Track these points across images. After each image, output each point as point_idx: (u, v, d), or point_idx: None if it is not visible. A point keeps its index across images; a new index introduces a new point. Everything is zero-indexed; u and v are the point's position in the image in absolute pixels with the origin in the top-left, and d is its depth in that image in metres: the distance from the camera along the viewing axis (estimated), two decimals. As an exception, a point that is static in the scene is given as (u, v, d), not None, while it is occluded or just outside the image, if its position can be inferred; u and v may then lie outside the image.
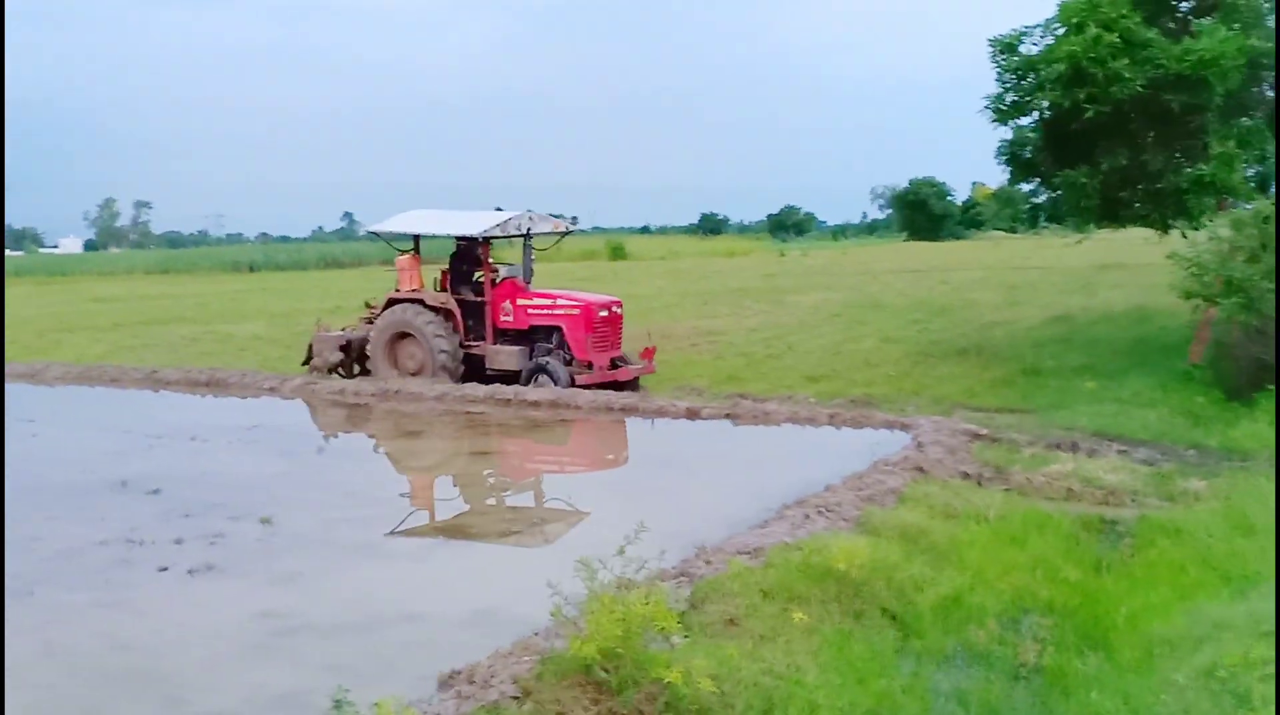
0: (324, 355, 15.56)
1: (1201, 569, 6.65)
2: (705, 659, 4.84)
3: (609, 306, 14.68)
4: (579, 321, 14.28)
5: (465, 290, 15.16)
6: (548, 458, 11.79)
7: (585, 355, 14.19)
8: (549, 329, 14.55)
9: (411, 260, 15.46)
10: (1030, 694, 5.26)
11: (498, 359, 14.67)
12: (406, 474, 10.99)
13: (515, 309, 14.69)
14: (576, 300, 14.65)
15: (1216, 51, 11.78)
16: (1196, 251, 12.25)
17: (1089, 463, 9.55)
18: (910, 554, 6.95)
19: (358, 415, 13.55)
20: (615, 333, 14.76)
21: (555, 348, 14.46)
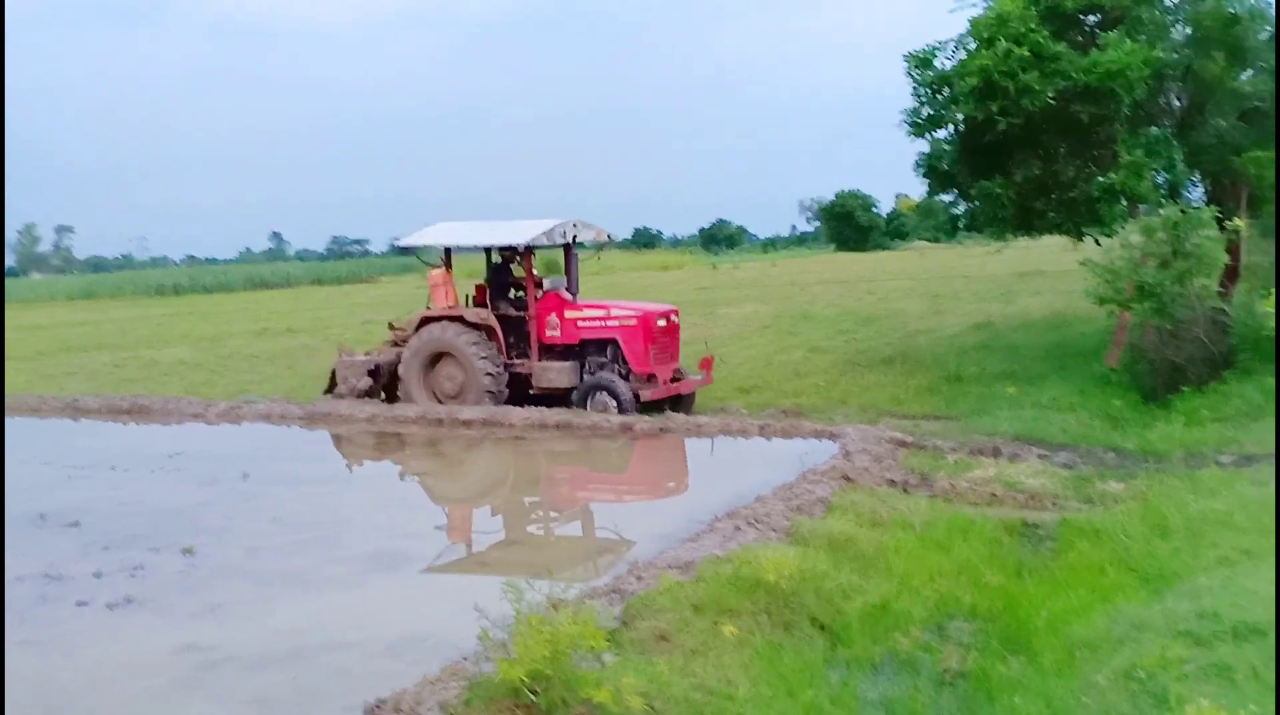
0: (350, 382, 14.49)
1: (1120, 570, 6.83)
2: (636, 676, 4.84)
3: (666, 315, 13.80)
4: (637, 332, 13.32)
5: (504, 305, 14.26)
6: (481, 478, 11.69)
7: (647, 368, 13.27)
8: (602, 343, 13.61)
9: (445, 275, 14.48)
10: (955, 700, 5.35)
11: (546, 377, 13.71)
12: (335, 500, 10.81)
13: (563, 323, 13.71)
14: (633, 310, 13.71)
15: (1122, 63, 12.16)
16: (1109, 258, 12.62)
17: (1011, 467, 9.75)
18: (838, 563, 7.03)
19: (285, 438, 13.29)
20: (674, 343, 13.89)
21: (610, 362, 13.58)
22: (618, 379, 13.19)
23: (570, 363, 13.69)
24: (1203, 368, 11.92)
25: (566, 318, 13.69)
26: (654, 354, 13.28)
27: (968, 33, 13.34)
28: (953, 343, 17.72)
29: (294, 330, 26.72)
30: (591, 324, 13.60)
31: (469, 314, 13.90)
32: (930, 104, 13.81)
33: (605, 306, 13.86)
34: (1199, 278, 12.12)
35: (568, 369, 13.63)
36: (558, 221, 13.77)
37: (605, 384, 13.17)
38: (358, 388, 14.40)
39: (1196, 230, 11.95)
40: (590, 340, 13.62)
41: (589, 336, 13.61)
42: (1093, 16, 13.81)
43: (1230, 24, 13.26)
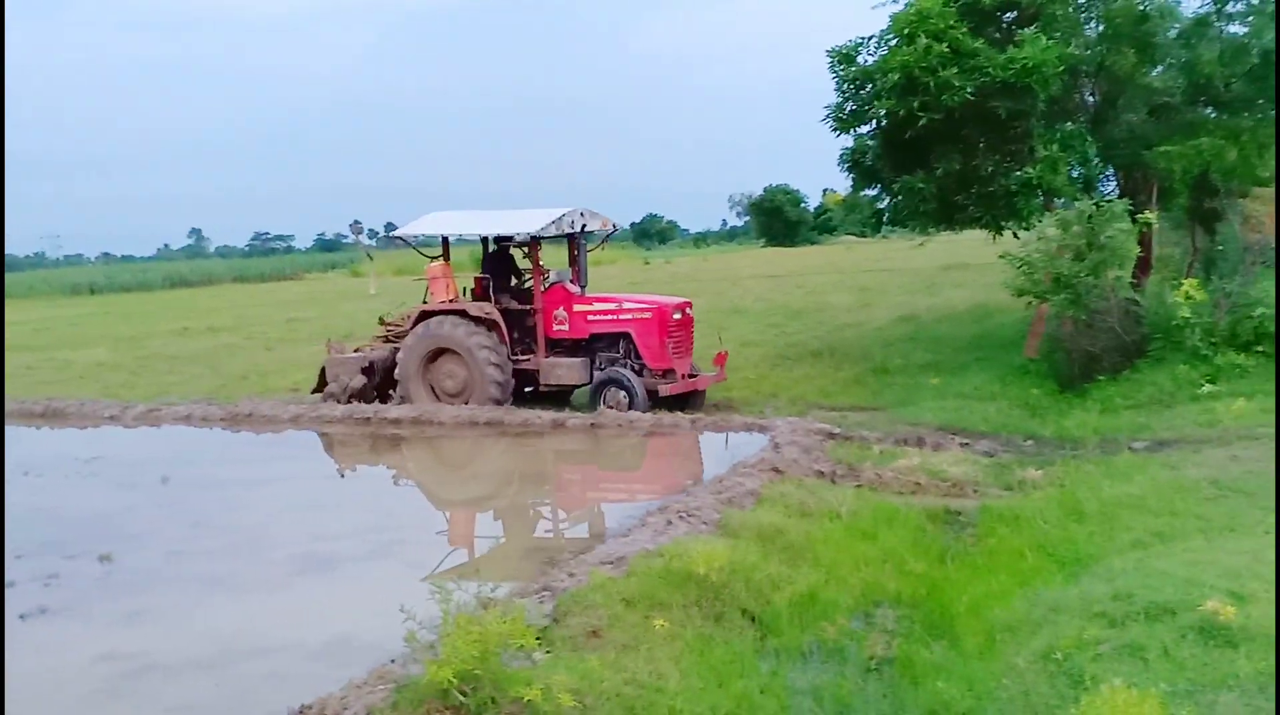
0: (342, 380, 13.89)
1: (1038, 555, 7.01)
2: (567, 673, 4.84)
3: (681, 308, 13.29)
4: (652, 325, 12.84)
5: (506, 298, 13.67)
6: (412, 476, 11.58)
7: (664, 362, 12.80)
8: (613, 337, 13.14)
9: (444, 267, 13.86)
10: (881, 686, 5.44)
11: (554, 373, 13.22)
12: (261, 503, 10.61)
13: (571, 316, 13.19)
14: (647, 302, 13.27)
15: (1038, 60, 12.45)
16: (1027, 251, 12.93)
17: (934, 456, 9.95)
18: (768, 554, 7.10)
19: (207, 441, 13.00)
20: (688, 337, 13.39)
21: (623, 357, 13.10)
22: (632, 374, 12.77)
23: (580, 358, 13.23)
24: (1116, 357, 12.28)
25: (575, 311, 13.22)
26: (670, 348, 12.87)
27: (889, 29, 13.55)
28: (879, 335, 18.01)
29: (216, 329, 26.13)
30: (602, 318, 13.15)
31: (471, 307, 13.32)
32: (854, 99, 13.99)
33: (616, 299, 13.46)
34: (1112, 269, 12.47)
35: (577, 365, 13.18)
36: (565, 210, 13.25)
37: (618, 379, 12.71)
38: (351, 387, 13.86)
39: (1110, 223, 12.30)
40: (600, 335, 13.19)
41: (599, 330, 13.16)
42: (1009, 14, 14.11)
43: (1140, 21, 13.66)
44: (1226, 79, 13.50)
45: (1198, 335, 11.64)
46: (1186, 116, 14.05)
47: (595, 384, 12.91)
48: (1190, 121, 13.88)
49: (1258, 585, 5.48)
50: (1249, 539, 6.42)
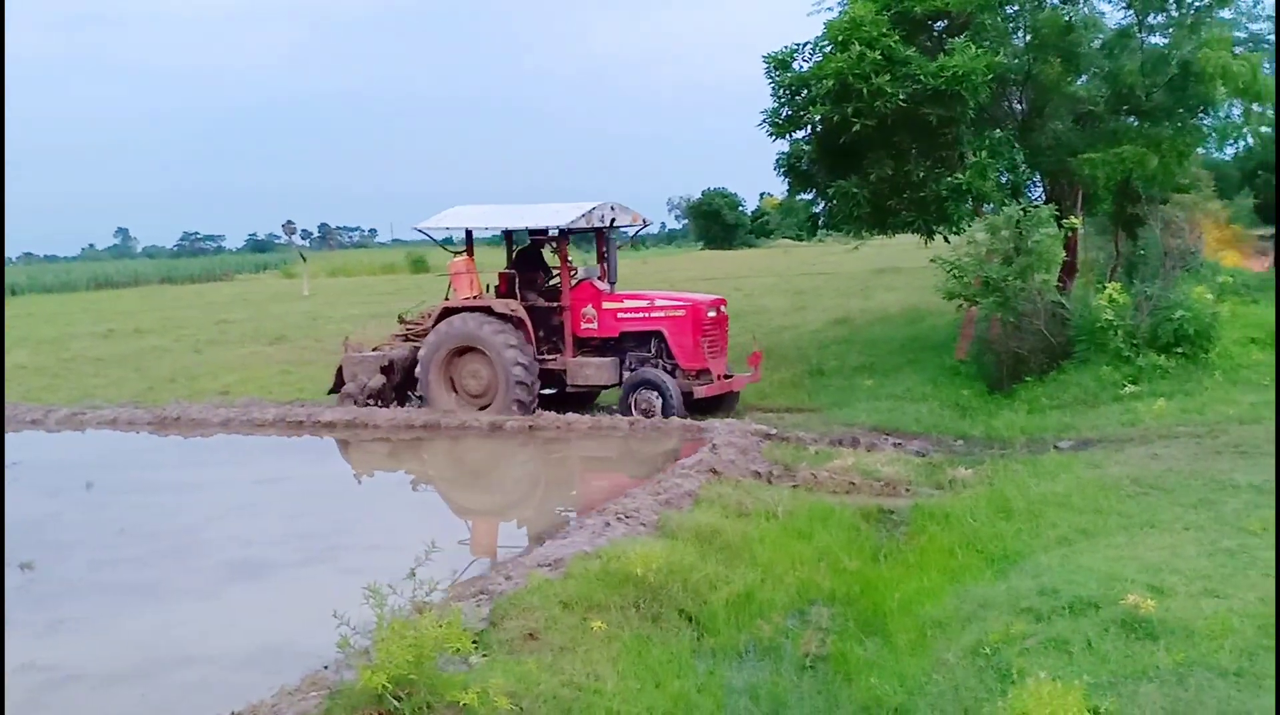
0: (360, 380, 13.44)
1: (968, 552, 7.16)
2: (503, 676, 4.83)
3: (716, 305, 12.81)
4: (685, 324, 12.36)
5: (532, 296, 13.20)
6: (347, 480, 11.43)
7: (699, 362, 12.35)
8: (644, 336, 12.64)
9: (468, 262, 13.44)
10: (816, 683, 5.52)
11: (582, 373, 12.70)
12: (189, 509, 10.39)
13: (600, 314, 12.69)
14: (680, 300, 12.77)
15: (968, 68, 12.70)
16: (957, 255, 13.20)
17: (868, 457, 10.11)
18: (705, 554, 7.15)
19: (134, 446, 12.69)
20: (723, 336, 12.90)
21: (654, 357, 12.59)
22: (665, 375, 12.31)
23: (609, 358, 12.74)
24: (1043, 358, 12.60)
25: (605, 309, 12.74)
26: (705, 347, 12.42)
27: (824, 36, 13.72)
28: (814, 338, 18.22)
29: (143, 331, 25.52)
30: (633, 316, 12.66)
31: (497, 304, 12.82)
32: (789, 105, 14.13)
33: (648, 297, 12.95)
34: (1039, 273, 12.77)
35: (606, 365, 12.69)
36: (595, 204, 12.80)
37: (652, 379, 12.24)
38: (370, 387, 13.43)
39: (1037, 228, 12.58)
40: (631, 333, 12.71)
41: (630, 329, 12.68)
42: (940, 22, 14.39)
43: (1066, 31, 13.99)
44: (1148, 89, 13.90)
45: (1120, 337, 11.98)
46: (1109, 125, 14.43)
47: (627, 385, 12.46)
48: (1113, 130, 14.26)
49: (1176, 579, 5.67)
50: (1168, 535, 6.62)
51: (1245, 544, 6.30)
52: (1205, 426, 9.91)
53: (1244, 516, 6.87)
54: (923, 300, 19.98)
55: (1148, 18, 14.35)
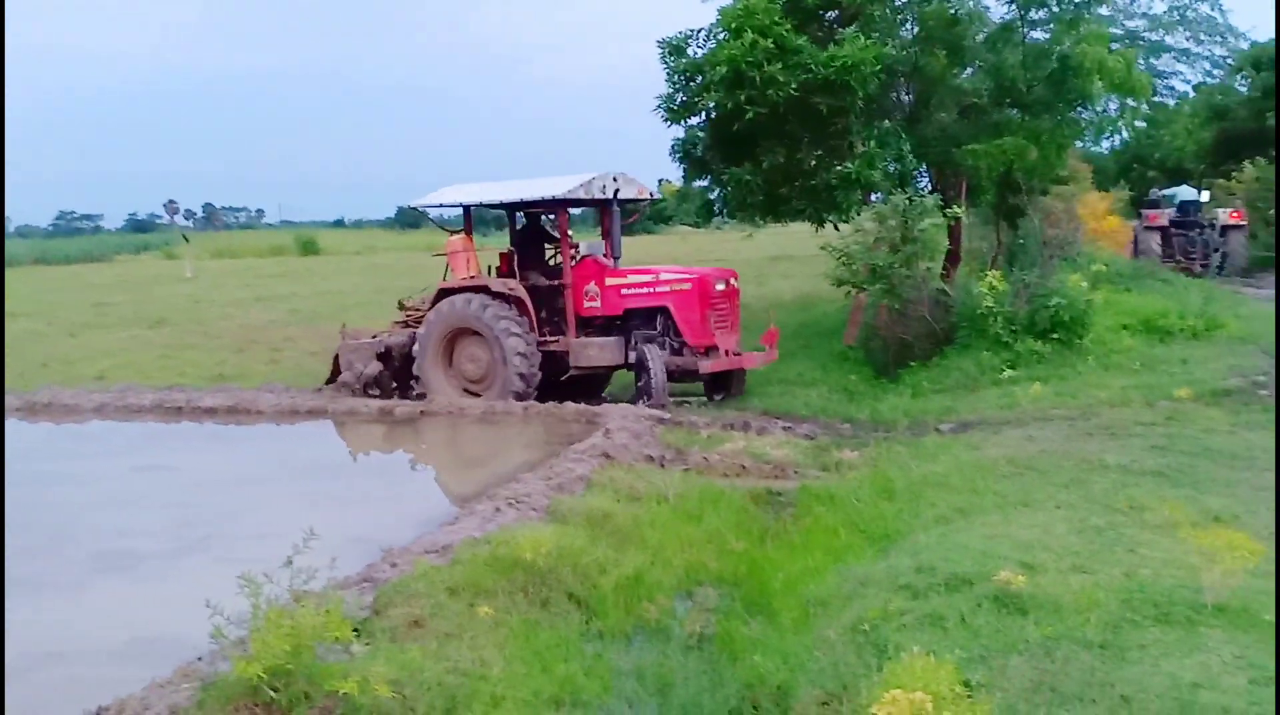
0: (356, 368, 12.84)
1: (851, 532, 7.32)
2: (386, 665, 4.75)
3: (725, 278, 12.19)
4: (691, 298, 11.77)
5: (534, 275, 12.58)
6: (225, 468, 11.07)
7: (706, 338, 11.73)
8: (649, 313, 12.03)
9: (465, 241, 12.79)
10: (702, 663, 5.57)
11: (585, 354, 12.06)
12: (58, 499, 9.95)
13: (603, 292, 12.07)
14: (686, 274, 12.15)
15: (857, 58, 12.94)
16: (845, 243, 13.47)
17: (758, 440, 10.25)
18: (596, 538, 7.15)
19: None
20: (734, 310, 12.29)
21: (661, 334, 11.96)
22: (655, 350, 11.75)
23: (614, 338, 12.13)
24: (927, 344, 12.97)
25: (608, 286, 12.11)
26: (713, 322, 11.85)
27: (718, 23, 13.81)
28: (708, 323, 18.34)
29: (14, 314, 24.25)
30: (638, 292, 12.05)
31: (495, 283, 12.25)
32: (684, 91, 14.22)
33: (653, 271, 12.35)
34: (924, 261, 13.14)
35: (610, 345, 12.07)
36: (595, 174, 12.07)
37: (644, 363, 11.70)
38: (365, 375, 12.84)
39: (922, 217, 12.93)
40: (636, 310, 12.10)
41: (635, 306, 12.08)
42: (831, 12, 14.63)
43: (951, 24, 14.38)
44: (1029, 82, 14.38)
45: (1000, 324, 12.40)
46: (993, 117, 14.89)
47: (638, 367, 11.89)
48: (996, 122, 14.72)
49: (1047, 556, 5.89)
50: (1040, 513, 6.87)
51: (1113, 521, 6.58)
52: (1078, 409, 10.33)
53: (1112, 495, 7.17)
54: (814, 287, 20.30)
55: (1029, 13, 14.83)
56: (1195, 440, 8.70)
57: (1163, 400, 10.36)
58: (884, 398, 11.92)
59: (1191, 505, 6.72)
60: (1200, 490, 7.27)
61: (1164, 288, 17.45)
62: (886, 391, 12.23)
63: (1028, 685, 4.42)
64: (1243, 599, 5.00)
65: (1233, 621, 4.85)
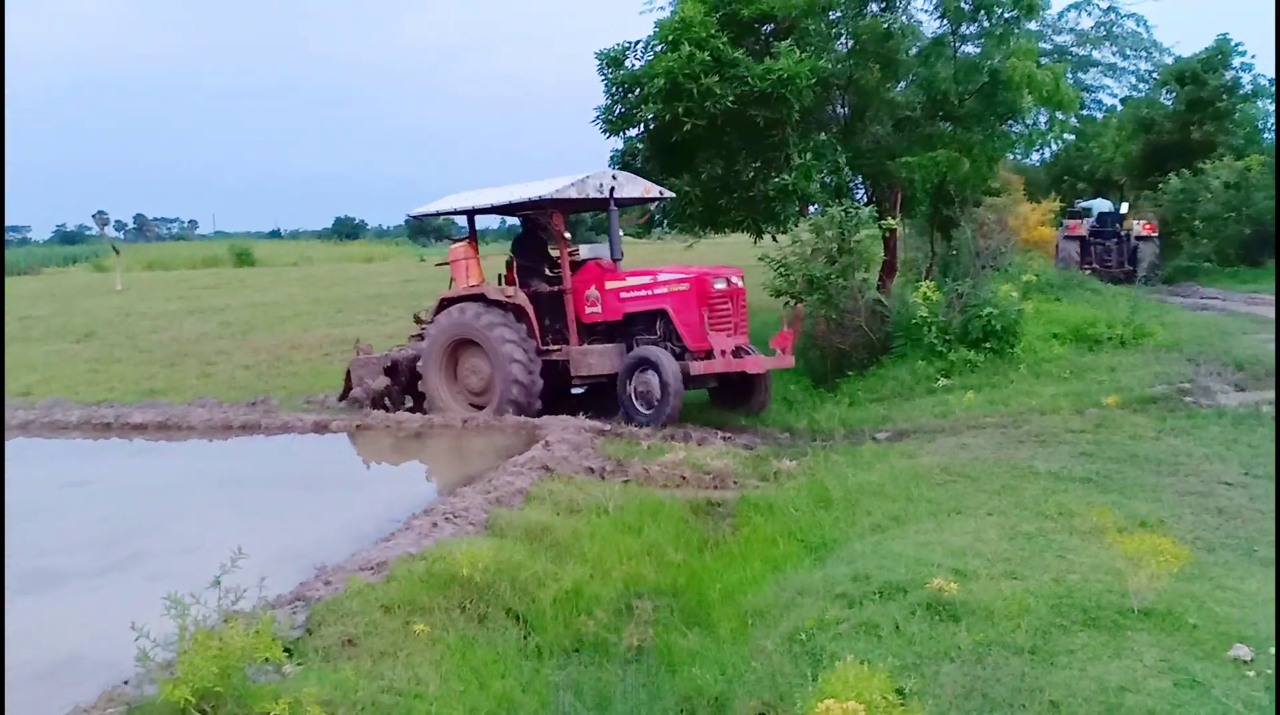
0: (366, 383, 12.61)
1: (789, 541, 7.36)
2: (318, 685, 4.67)
3: (727, 276, 11.60)
4: (689, 298, 11.22)
5: (537, 282, 12.12)
6: (154, 484, 10.83)
7: (701, 342, 11.12)
8: (650, 316, 11.51)
9: (467, 248, 12.33)
10: (640, 676, 5.57)
11: (585, 363, 11.54)
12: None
13: (604, 295, 11.58)
14: (684, 273, 11.57)
15: (792, 71, 13.10)
16: (783, 253, 13.60)
17: (698, 451, 10.26)
18: (535, 552, 7.11)
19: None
20: (738, 311, 11.66)
21: (661, 338, 11.45)
22: (661, 351, 11.08)
23: (614, 344, 11.62)
24: (864, 353, 13.14)
25: (608, 289, 11.63)
26: (709, 323, 11.27)
27: (655, 35, 13.89)
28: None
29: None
30: (636, 294, 11.54)
31: (491, 291, 11.82)
32: (622, 102, 14.27)
33: (651, 272, 11.79)
34: (860, 272, 13.31)
35: (610, 352, 11.54)
36: (591, 173, 11.56)
37: (647, 357, 11.06)
38: (373, 389, 12.60)
39: (858, 228, 13.10)
40: (636, 314, 11.60)
41: (634, 309, 11.57)
42: (767, 26, 14.79)
43: (885, 39, 14.62)
44: (960, 96, 14.66)
45: (934, 333, 12.60)
46: (926, 130, 15.16)
47: (623, 371, 11.23)
48: (929, 134, 14.99)
49: (979, 563, 5.98)
50: (972, 520, 6.99)
51: (1043, 528, 6.71)
52: (1010, 417, 10.53)
53: (1042, 502, 7.31)
54: (753, 298, 20.35)
55: (961, 27, 15.14)
56: (1122, 447, 8.91)
57: (1091, 407, 10.61)
58: (821, 407, 12.04)
59: (1118, 511, 6.88)
60: (1127, 496, 7.44)
61: (1093, 297, 17.88)
62: (824, 400, 12.36)
63: (959, 692, 4.49)
64: (1168, 603, 5.12)
65: (1158, 625, 4.96)
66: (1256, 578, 5.68)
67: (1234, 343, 13.30)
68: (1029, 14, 14.91)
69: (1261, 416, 9.83)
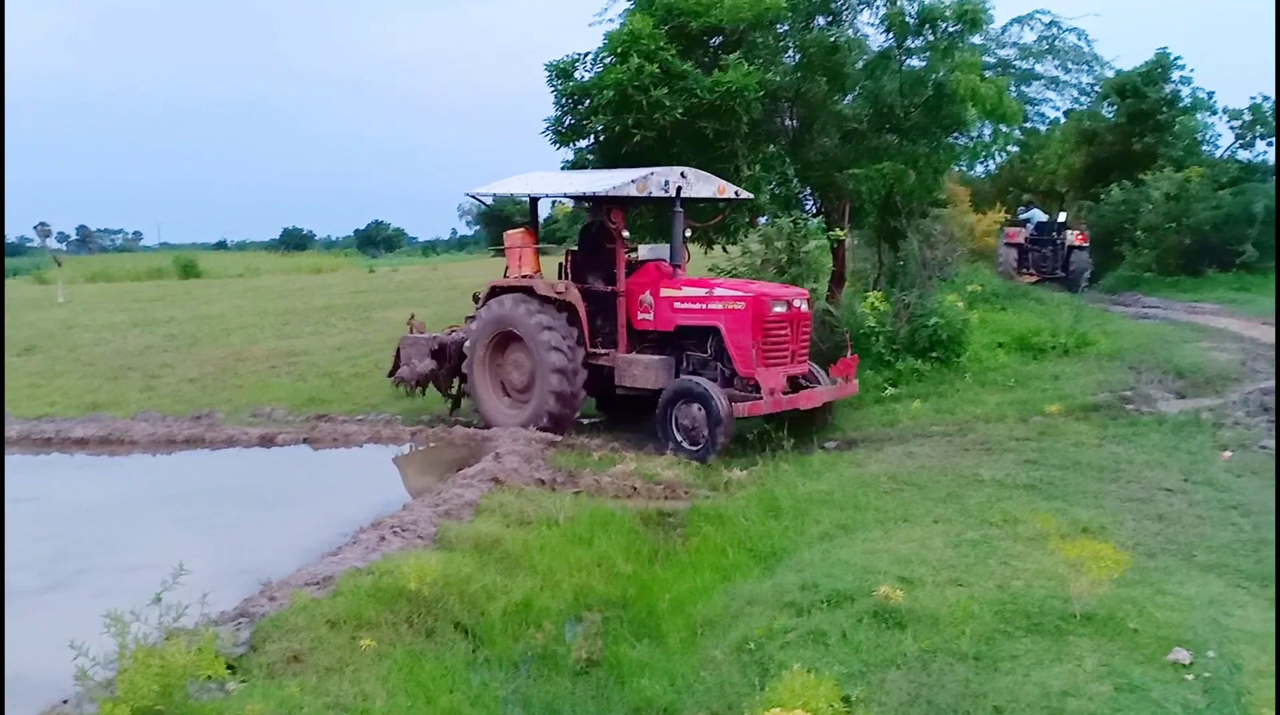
0: (412, 363, 12.17)
1: (739, 551, 7.39)
2: (263, 702, 4.62)
3: (788, 298, 10.55)
4: (744, 319, 10.23)
5: (596, 278, 11.28)
6: (97, 500, 10.61)
7: (751, 369, 10.15)
8: (702, 332, 10.62)
9: (524, 236, 11.66)
10: (590, 688, 5.55)
11: (630, 372, 10.66)
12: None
13: (658, 303, 10.69)
14: (741, 291, 10.53)
15: (741, 84, 13.19)
16: (734, 264, 13.67)
17: (649, 461, 10.27)
18: (484, 564, 7.07)
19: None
20: (798, 337, 10.65)
21: (712, 358, 10.54)
22: (709, 383, 10.08)
23: (662, 357, 10.74)
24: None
25: (662, 297, 10.76)
26: (762, 351, 10.23)
27: (604, 47, 13.92)
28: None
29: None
30: (690, 307, 10.62)
31: (540, 285, 11.02)
32: (572, 114, 14.26)
33: (708, 283, 10.97)
34: (809, 282, 13.40)
35: (656, 365, 10.63)
36: (655, 169, 10.91)
37: (692, 389, 10.03)
38: (418, 371, 12.18)
39: (807, 239, 13.22)
40: (689, 327, 10.67)
41: (687, 322, 10.65)
42: (715, 39, 14.87)
43: (831, 52, 14.76)
44: (906, 108, 14.85)
45: (882, 343, 12.75)
46: (873, 142, 15.32)
47: (663, 399, 10.25)
48: (875, 147, 15.15)
49: (924, 570, 6.06)
50: (919, 528, 7.08)
51: (987, 535, 6.81)
52: (955, 425, 10.68)
53: (987, 509, 7.42)
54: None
55: (906, 41, 15.33)
56: (1065, 454, 9.07)
57: (1035, 415, 10.79)
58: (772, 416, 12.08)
59: (1061, 517, 7.01)
60: (1070, 502, 7.57)
61: (1037, 306, 18.21)
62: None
63: (904, 698, 4.54)
64: (1109, 608, 5.22)
65: (1099, 630, 5.05)
66: (1195, 583, 5.80)
67: (1175, 351, 13.59)
68: (973, 28, 15.14)
69: (1201, 423, 10.06)
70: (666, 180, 10.72)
